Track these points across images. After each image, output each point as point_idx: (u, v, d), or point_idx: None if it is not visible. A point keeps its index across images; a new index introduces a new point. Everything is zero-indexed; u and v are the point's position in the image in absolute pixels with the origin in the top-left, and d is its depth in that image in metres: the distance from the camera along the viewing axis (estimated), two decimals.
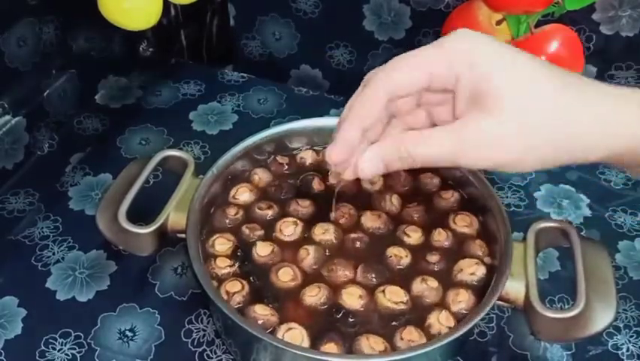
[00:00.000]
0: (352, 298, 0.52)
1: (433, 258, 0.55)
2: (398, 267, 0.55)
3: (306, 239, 0.57)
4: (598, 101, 0.43)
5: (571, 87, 0.43)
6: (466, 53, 0.43)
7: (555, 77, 0.43)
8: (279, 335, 0.50)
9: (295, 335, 0.50)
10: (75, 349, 0.57)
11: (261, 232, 0.57)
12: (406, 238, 0.57)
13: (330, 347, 0.49)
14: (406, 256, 0.56)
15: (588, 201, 0.71)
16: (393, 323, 0.51)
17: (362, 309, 0.52)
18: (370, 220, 0.58)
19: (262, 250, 0.55)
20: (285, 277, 0.53)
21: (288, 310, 0.52)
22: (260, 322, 0.50)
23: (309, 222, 0.58)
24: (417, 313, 0.52)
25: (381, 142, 0.46)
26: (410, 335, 0.50)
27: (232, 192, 0.61)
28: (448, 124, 0.45)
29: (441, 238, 0.57)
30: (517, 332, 0.59)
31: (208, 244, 0.56)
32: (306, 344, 0.50)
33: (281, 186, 0.61)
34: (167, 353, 0.57)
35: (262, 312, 0.51)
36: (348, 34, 0.84)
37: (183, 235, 0.55)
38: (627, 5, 0.71)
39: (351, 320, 0.51)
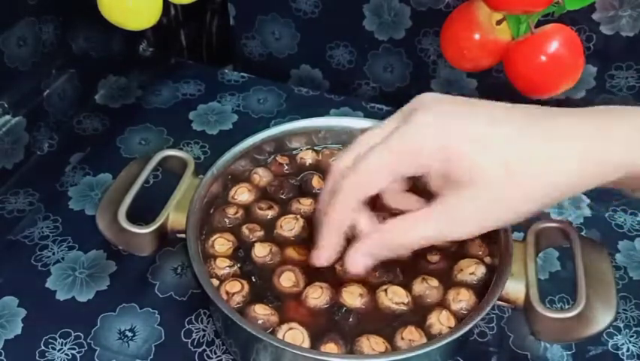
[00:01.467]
0: (352, 297, 0.52)
1: (434, 258, 0.55)
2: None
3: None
4: (571, 133, 0.43)
5: (534, 128, 0.44)
6: (433, 148, 0.44)
7: (515, 120, 0.44)
8: (280, 335, 0.50)
9: (296, 335, 0.50)
10: (75, 349, 0.57)
11: (260, 233, 0.57)
12: None
13: (331, 347, 0.49)
14: None
15: (588, 201, 0.71)
16: (394, 323, 0.51)
17: (363, 307, 0.52)
18: None
19: (260, 251, 0.55)
20: (287, 282, 0.53)
21: (288, 310, 0.52)
22: (260, 322, 0.50)
23: (312, 220, 0.58)
24: (417, 313, 0.52)
25: (365, 239, 0.47)
26: (411, 334, 0.50)
27: (232, 192, 0.60)
28: (426, 205, 0.46)
29: None
30: (517, 332, 0.59)
31: (208, 244, 0.56)
32: (306, 344, 0.50)
33: (281, 186, 0.61)
34: (167, 353, 0.57)
35: (262, 312, 0.51)
36: (348, 34, 0.84)
37: (183, 235, 0.55)
38: (627, 5, 0.71)
39: (351, 319, 0.51)
